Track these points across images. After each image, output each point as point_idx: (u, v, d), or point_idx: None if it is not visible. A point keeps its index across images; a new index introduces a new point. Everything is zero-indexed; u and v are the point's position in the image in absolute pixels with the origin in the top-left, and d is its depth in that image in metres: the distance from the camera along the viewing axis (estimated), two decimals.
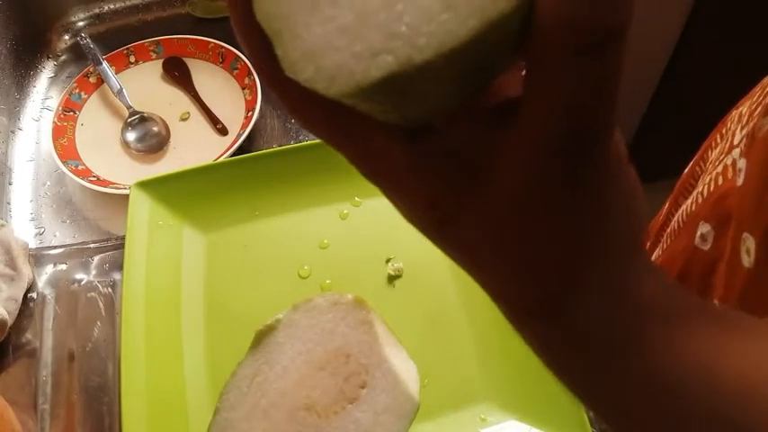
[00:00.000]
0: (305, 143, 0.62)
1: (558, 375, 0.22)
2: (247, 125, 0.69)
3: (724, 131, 0.45)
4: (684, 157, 0.55)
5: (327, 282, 0.55)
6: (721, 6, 1.06)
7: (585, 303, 0.20)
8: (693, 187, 0.47)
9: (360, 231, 0.58)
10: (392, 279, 0.55)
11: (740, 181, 0.36)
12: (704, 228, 0.39)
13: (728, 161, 0.38)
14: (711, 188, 0.39)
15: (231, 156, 0.66)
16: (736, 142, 0.39)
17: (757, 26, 1.06)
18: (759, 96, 0.39)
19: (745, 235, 0.34)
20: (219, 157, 0.66)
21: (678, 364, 0.20)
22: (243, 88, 0.74)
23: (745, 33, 1.10)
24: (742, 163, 0.36)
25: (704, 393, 0.19)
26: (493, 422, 0.48)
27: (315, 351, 0.47)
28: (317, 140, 0.61)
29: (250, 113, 0.71)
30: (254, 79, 0.73)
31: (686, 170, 0.50)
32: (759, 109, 0.37)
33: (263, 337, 0.48)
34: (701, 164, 0.47)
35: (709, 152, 0.46)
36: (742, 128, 0.38)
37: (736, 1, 1.05)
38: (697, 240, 0.40)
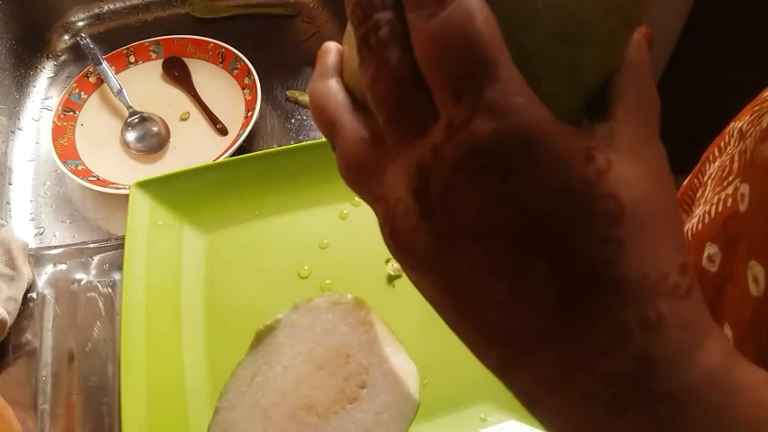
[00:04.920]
0: (305, 143, 0.62)
1: None
2: (247, 125, 0.69)
3: (722, 145, 0.44)
4: (685, 158, 0.55)
5: (327, 282, 0.55)
6: (721, 6, 1.06)
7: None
8: (692, 200, 0.47)
9: (360, 231, 0.58)
10: (392, 279, 0.55)
11: (743, 207, 0.35)
12: (711, 249, 0.39)
13: (738, 182, 0.38)
14: (720, 209, 0.39)
15: (231, 156, 0.66)
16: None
17: (757, 26, 1.06)
18: (754, 115, 0.39)
19: (752, 262, 0.33)
20: (219, 157, 0.66)
21: None
22: (243, 88, 0.74)
23: (745, 34, 1.10)
24: (744, 188, 0.36)
25: None
26: (493, 422, 0.48)
27: (315, 351, 0.47)
28: (317, 140, 0.61)
29: (250, 113, 0.71)
30: (253, 79, 0.73)
31: (685, 182, 0.50)
32: (753, 130, 0.37)
33: (263, 337, 0.48)
34: (700, 176, 0.47)
35: (707, 165, 0.46)
36: (746, 149, 0.38)
37: (736, 1, 1.05)
38: (704, 262, 0.39)
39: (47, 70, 0.82)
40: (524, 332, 0.18)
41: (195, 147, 0.71)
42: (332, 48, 0.23)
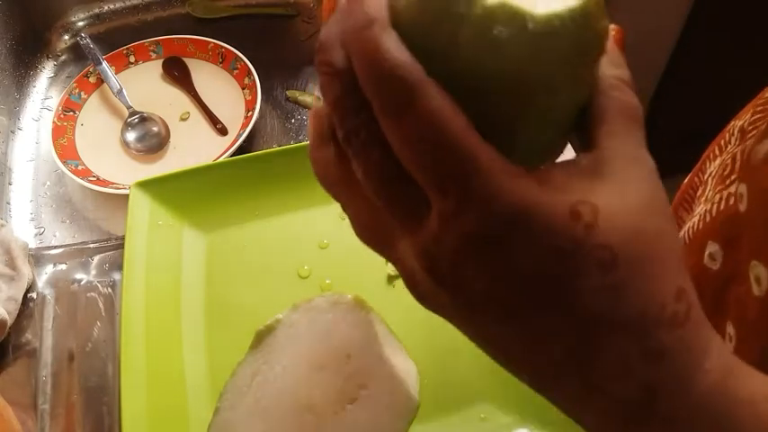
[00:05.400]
0: (305, 143, 0.62)
1: None
2: (247, 125, 0.69)
3: (722, 143, 0.44)
4: (685, 158, 0.55)
5: (327, 282, 0.55)
6: (721, 6, 1.06)
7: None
8: (693, 198, 0.47)
9: None
10: (392, 279, 0.55)
11: (743, 207, 0.35)
12: (712, 247, 0.39)
13: (738, 182, 0.38)
14: (721, 207, 0.39)
15: (231, 156, 0.66)
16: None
17: (757, 26, 1.06)
18: (754, 116, 0.39)
19: (754, 262, 0.33)
20: (219, 157, 0.66)
21: None
22: (243, 88, 0.74)
23: (744, 34, 1.10)
24: (743, 188, 0.36)
25: None
26: (493, 422, 0.48)
27: (315, 351, 0.47)
28: None
29: (250, 113, 0.71)
30: (253, 79, 0.73)
31: (685, 181, 0.50)
32: (754, 132, 0.37)
33: (263, 337, 0.48)
34: (700, 175, 0.47)
35: (708, 163, 0.46)
36: (744, 149, 0.38)
37: (736, 1, 1.05)
38: (706, 260, 0.39)
39: (47, 70, 0.82)
40: (545, 364, 0.20)
41: (195, 147, 0.71)
42: (321, 114, 0.24)
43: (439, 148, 0.18)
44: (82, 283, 0.56)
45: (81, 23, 0.87)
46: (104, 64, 0.75)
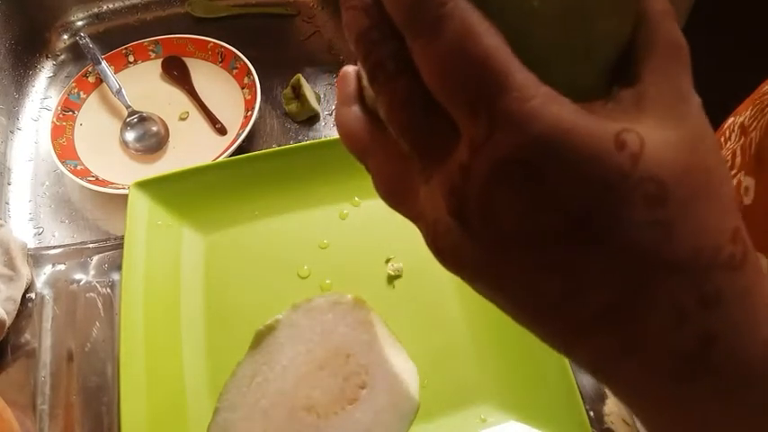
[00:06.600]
0: (305, 143, 0.62)
1: None
2: (246, 125, 0.69)
3: (722, 140, 0.45)
4: None
5: (327, 282, 0.55)
6: (721, 5, 1.06)
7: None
8: None
9: (360, 231, 0.58)
10: (392, 279, 0.55)
11: (748, 200, 0.35)
12: None
13: (741, 176, 0.38)
14: None
15: (230, 156, 0.66)
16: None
17: (755, 25, 1.06)
18: (755, 109, 0.39)
19: (759, 255, 0.33)
20: (219, 156, 0.66)
21: None
22: (242, 88, 0.74)
23: (743, 33, 1.10)
24: (749, 181, 0.36)
25: None
26: (493, 422, 0.48)
27: (315, 351, 0.47)
28: (317, 140, 0.61)
29: (249, 113, 0.71)
30: (253, 79, 0.73)
31: None
32: (757, 124, 0.37)
33: (263, 337, 0.48)
34: None
35: None
36: (750, 143, 0.38)
37: (737, 0, 1.05)
38: None
39: (46, 70, 0.82)
40: (581, 321, 0.18)
41: (194, 147, 0.71)
42: (350, 73, 0.23)
43: (470, 64, 0.16)
44: (81, 283, 0.56)
45: (80, 23, 0.86)
46: (103, 63, 0.75)
